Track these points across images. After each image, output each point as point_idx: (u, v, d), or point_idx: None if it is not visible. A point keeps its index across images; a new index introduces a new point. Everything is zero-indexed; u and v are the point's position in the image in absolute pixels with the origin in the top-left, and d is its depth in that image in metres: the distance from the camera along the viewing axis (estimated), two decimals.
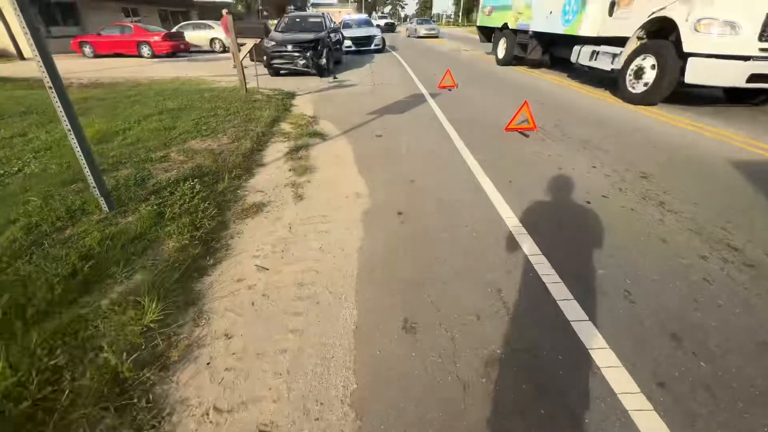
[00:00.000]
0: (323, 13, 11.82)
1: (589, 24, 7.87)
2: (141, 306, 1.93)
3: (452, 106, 6.86)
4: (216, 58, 15.83)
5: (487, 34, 13.97)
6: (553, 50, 10.34)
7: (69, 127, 2.36)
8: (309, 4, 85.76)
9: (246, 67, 9.12)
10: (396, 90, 8.46)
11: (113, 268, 2.15)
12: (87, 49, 16.35)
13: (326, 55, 10.47)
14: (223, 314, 2.06)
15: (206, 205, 2.95)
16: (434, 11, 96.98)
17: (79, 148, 2.43)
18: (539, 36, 10.12)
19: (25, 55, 16.46)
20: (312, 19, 11.71)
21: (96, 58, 16.19)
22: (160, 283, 2.10)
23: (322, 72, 10.47)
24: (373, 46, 16.25)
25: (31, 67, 13.81)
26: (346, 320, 2.05)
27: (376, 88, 8.73)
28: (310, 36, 10.40)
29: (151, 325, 1.87)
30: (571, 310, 2.10)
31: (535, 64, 11.65)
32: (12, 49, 15.88)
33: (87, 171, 2.52)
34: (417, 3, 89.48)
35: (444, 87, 8.46)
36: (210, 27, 18.47)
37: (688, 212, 3.13)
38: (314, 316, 2.07)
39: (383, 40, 16.88)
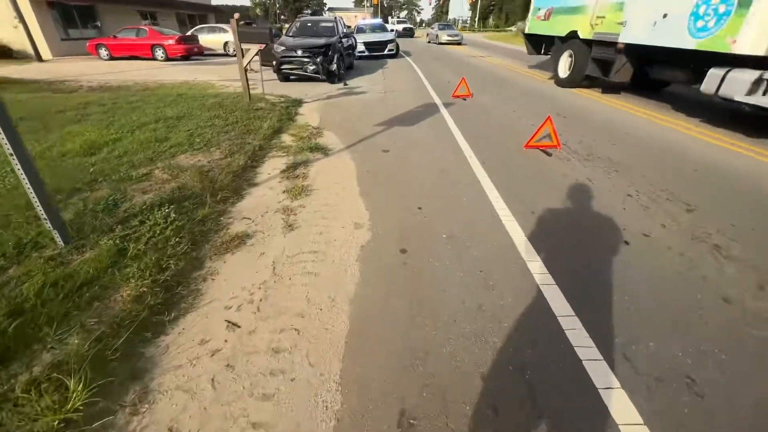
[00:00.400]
0: (336, 18, 11.49)
1: (756, 35, 4.78)
2: (65, 388, 1.52)
3: (467, 118, 6.37)
4: (229, 62, 15.65)
5: (539, 44, 10.77)
6: (653, 70, 7.29)
7: (11, 150, 1.98)
8: (325, 9, 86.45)
9: (255, 71, 8.83)
10: (408, 98, 8.02)
11: (45, 329, 1.75)
12: (103, 52, 16.38)
13: (337, 60, 10.11)
14: (173, 395, 1.63)
15: (179, 238, 2.54)
16: (450, 16, 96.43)
17: (24, 174, 2.05)
18: (634, 50, 7.04)
19: (44, 57, 16.61)
20: (324, 24, 11.37)
21: (111, 61, 16.20)
22: (99, 352, 1.68)
23: (332, 78, 10.11)
24: (386, 51, 15.86)
25: (46, 69, 13.90)
26: (326, 409, 1.60)
27: (387, 96, 8.30)
28: (321, 41, 10.05)
29: (74, 416, 1.45)
30: (620, 406, 1.60)
31: (611, 87, 8.62)
32: (30, 50, 16.01)
33: (35, 200, 2.14)
34: (433, 8, 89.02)
35: (459, 96, 7.98)
36: (224, 30, 18.37)
37: (749, 259, 2.59)
38: (287, 401, 1.63)
39: (397, 45, 16.48)
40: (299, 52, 9.72)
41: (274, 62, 10.02)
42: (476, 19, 64.65)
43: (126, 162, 3.84)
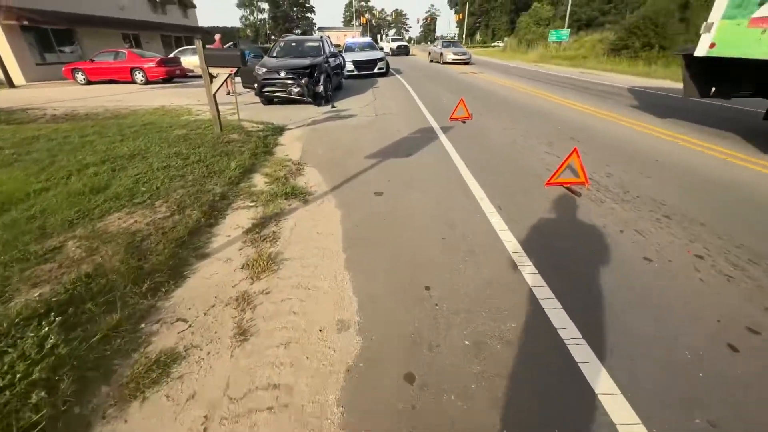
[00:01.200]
0: (322, 37, 10.77)
1: None
2: None
3: (470, 145, 5.54)
4: None
5: (718, 77, 5.92)
6: None
7: None
8: (315, 29, 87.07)
9: (238, 94, 7.98)
10: (401, 122, 7.20)
11: None
12: (79, 76, 15.49)
13: (324, 81, 9.32)
14: None
15: (37, 397, 1.56)
16: (437, 33, 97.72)
17: None
18: None
19: (16, 83, 15.66)
20: (309, 44, 10.63)
21: (89, 85, 15.31)
22: None
23: (319, 100, 9.30)
24: (376, 70, 15.20)
25: (13, 96, 12.95)
26: None
27: (378, 120, 7.47)
28: (306, 61, 9.27)
29: None
30: None
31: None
32: (2, 76, 15.07)
33: None
34: (420, 26, 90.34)
35: (457, 119, 7.18)
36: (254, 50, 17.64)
37: None
38: None
39: (387, 63, 15.85)
40: (282, 74, 8.92)
41: (256, 85, 9.20)
42: (464, 35, 65.39)
43: (37, 228, 2.88)
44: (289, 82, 8.91)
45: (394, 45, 35.27)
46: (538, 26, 40.22)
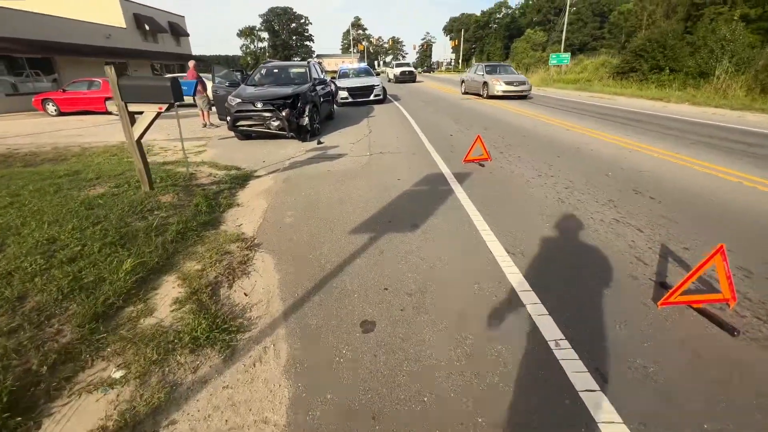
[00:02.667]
0: (309, 62, 9.31)
1: None
2: None
3: (500, 207, 3.86)
4: (194, 113, 13.42)
5: None
6: None
7: None
8: (314, 56, 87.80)
9: (215, 126, 6.39)
10: (401, 165, 5.57)
11: None
12: (50, 107, 14.06)
13: (310, 112, 7.77)
14: None
15: None
16: (433, 59, 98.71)
17: None
18: None
19: None
20: (294, 70, 9.16)
21: (59, 117, 13.86)
22: None
23: (303, 134, 7.72)
24: (372, 97, 13.81)
25: None
26: None
27: (372, 162, 5.84)
28: (288, 90, 7.74)
29: None
30: None
31: None
32: None
33: None
34: (417, 52, 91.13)
35: (473, 161, 5.55)
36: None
37: None
38: None
39: (384, 90, 14.48)
40: (259, 105, 7.36)
41: (228, 117, 7.65)
42: (460, 60, 65.52)
43: None
44: (267, 114, 7.35)
45: (398, 71, 29.37)
46: (535, 51, 39.68)
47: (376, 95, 13.89)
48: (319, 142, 7.50)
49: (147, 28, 23.30)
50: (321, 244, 3.16)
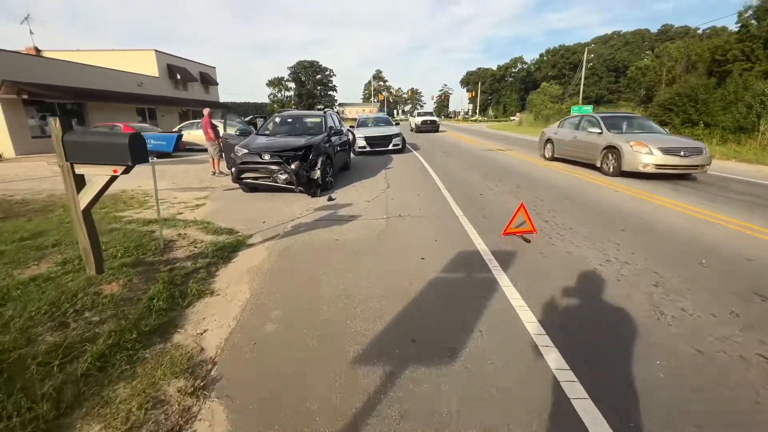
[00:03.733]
0: (326, 112, 8.73)
1: None
2: None
3: (577, 321, 2.68)
4: (205, 160, 13.04)
5: None
6: None
7: None
8: (336, 105, 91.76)
9: (225, 175, 5.60)
10: (425, 235, 4.51)
11: None
12: None
13: (322, 165, 6.98)
14: None
15: None
16: (450, 108, 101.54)
17: None
18: None
19: (4, 156, 14.27)
20: (309, 119, 8.57)
21: None
22: None
23: (313, 189, 6.88)
24: (391, 147, 13.20)
25: None
26: None
27: (390, 229, 4.82)
28: (300, 141, 7.02)
29: None
30: None
31: None
32: None
33: None
34: (435, 102, 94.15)
35: (514, 233, 4.45)
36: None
37: None
38: None
39: (403, 139, 13.92)
40: (267, 157, 6.62)
41: (233, 169, 6.92)
42: (477, 110, 66.86)
43: None
44: (274, 167, 6.57)
45: (419, 120, 26.85)
46: (554, 103, 39.76)
47: (395, 145, 13.29)
48: (331, 199, 6.60)
49: (178, 77, 24.33)
50: (310, 387, 2.03)
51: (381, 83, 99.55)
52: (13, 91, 14.01)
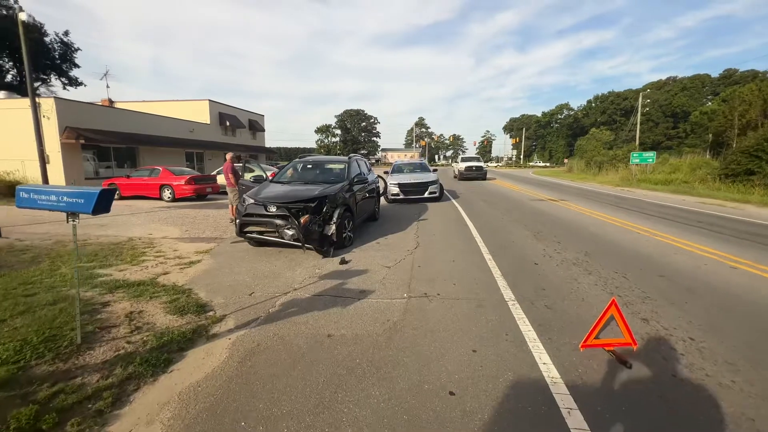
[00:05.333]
0: (351, 157, 7.75)
1: None
2: None
3: None
4: (225, 205, 12.60)
5: None
6: None
7: None
8: (379, 150, 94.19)
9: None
10: (460, 338, 3.01)
11: None
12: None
13: (338, 218, 5.84)
14: None
15: None
16: (493, 153, 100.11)
17: None
18: None
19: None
20: (331, 165, 7.63)
21: (119, 200, 13.98)
22: None
23: (326, 246, 5.70)
24: (427, 194, 11.99)
25: (15, 213, 11.47)
26: None
27: (409, 319, 3.39)
28: (315, 191, 5.98)
29: None
30: None
31: None
32: None
33: None
34: (477, 148, 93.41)
35: (600, 346, 2.82)
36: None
37: None
38: None
39: (441, 187, 12.68)
40: (273, 209, 5.62)
41: (237, 221, 5.97)
42: (521, 156, 64.93)
43: None
44: (280, 221, 5.52)
45: (463, 166, 23.63)
46: (608, 149, 37.10)
47: (431, 193, 12.05)
48: (344, 261, 5.34)
49: (228, 124, 25.62)
50: None
51: (423, 129, 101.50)
52: (73, 136, 14.90)
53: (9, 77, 33.50)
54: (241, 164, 8.99)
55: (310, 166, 7.58)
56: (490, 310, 3.59)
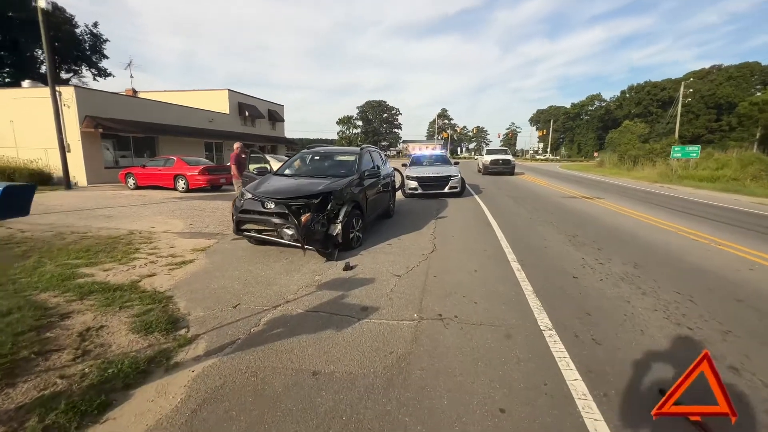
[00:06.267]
0: (363, 148, 7.01)
1: None
2: None
3: None
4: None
5: None
6: None
7: None
8: (400, 142, 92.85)
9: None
10: (483, 388, 2.26)
11: None
12: (130, 181, 14.29)
13: (345, 216, 5.16)
14: None
15: None
16: (518, 146, 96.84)
17: None
18: None
19: (79, 184, 15.02)
20: (340, 158, 6.91)
21: (136, 190, 13.87)
22: None
23: (330, 248, 5.04)
24: (447, 189, 11.12)
25: (40, 201, 11.45)
26: None
27: (418, 353, 2.68)
28: (318, 186, 5.32)
29: None
30: None
31: None
32: (73, 176, 14.47)
33: None
34: (501, 140, 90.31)
35: (681, 414, 2.02)
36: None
37: None
38: None
39: (462, 181, 11.76)
40: (270, 205, 4.99)
41: (233, 216, 5.39)
42: (548, 149, 62.18)
43: None
44: (277, 220, 4.89)
45: (488, 159, 21.46)
46: (643, 142, 34.66)
47: (451, 188, 11.18)
48: (348, 267, 4.66)
49: (247, 114, 25.37)
50: None
51: (446, 121, 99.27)
52: (92, 125, 14.86)
53: (43, 69, 34.72)
54: (246, 154, 8.42)
55: (317, 157, 6.90)
56: (522, 344, 2.81)
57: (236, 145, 8.56)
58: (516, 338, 2.90)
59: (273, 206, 4.96)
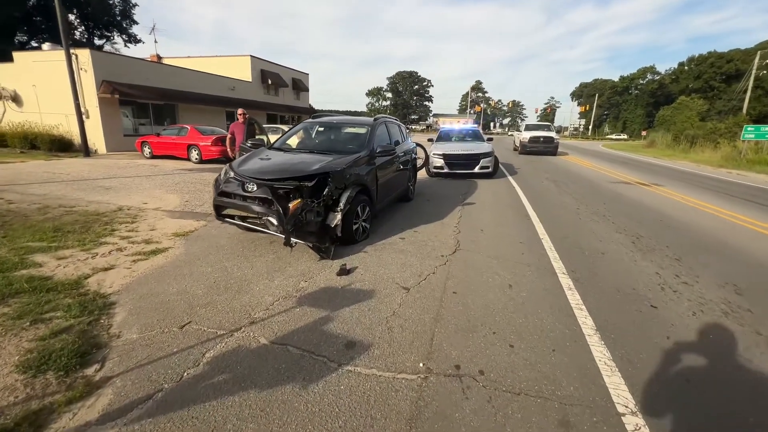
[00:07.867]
0: (377, 119, 5.77)
1: None
2: None
3: None
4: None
5: None
6: None
7: None
8: (431, 115, 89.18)
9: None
10: None
11: None
12: (146, 149, 13.81)
13: (348, 203, 4.09)
14: None
15: None
16: (556, 123, 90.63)
17: None
18: None
19: (99, 152, 14.78)
20: (350, 130, 5.73)
21: (150, 159, 13.40)
22: None
23: (327, 243, 4.03)
24: (477, 169, 9.73)
25: (54, 168, 11.14)
26: None
27: (424, 397, 1.65)
28: (314, 165, 4.23)
29: None
30: None
31: None
32: (92, 143, 14.21)
33: None
34: (538, 116, 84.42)
35: None
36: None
37: None
38: None
39: (495, 159, 10.27)
40: (252, 187, 3.98)
41: (214, 201, 4.45)
42: (590, 126, 57.50)
43: None
44: (258, 207, 3.89)
45: (527, 136, 17.93)
46: (704, 121, 30.77)
47: (483, 167, 9.77)
48: (344, 270, 3.63)
49: (270, 82, 24.29)
50: None
51: (480, 94, 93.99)
52: (109, 90, 14.35)
53: (77, 34, 34.91)
54: (255, 124, 7.44)
55: (321, 129, 5.77)
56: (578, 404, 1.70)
57: (239, 111, 7.53)
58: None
59: (255, 188, 3.94)
